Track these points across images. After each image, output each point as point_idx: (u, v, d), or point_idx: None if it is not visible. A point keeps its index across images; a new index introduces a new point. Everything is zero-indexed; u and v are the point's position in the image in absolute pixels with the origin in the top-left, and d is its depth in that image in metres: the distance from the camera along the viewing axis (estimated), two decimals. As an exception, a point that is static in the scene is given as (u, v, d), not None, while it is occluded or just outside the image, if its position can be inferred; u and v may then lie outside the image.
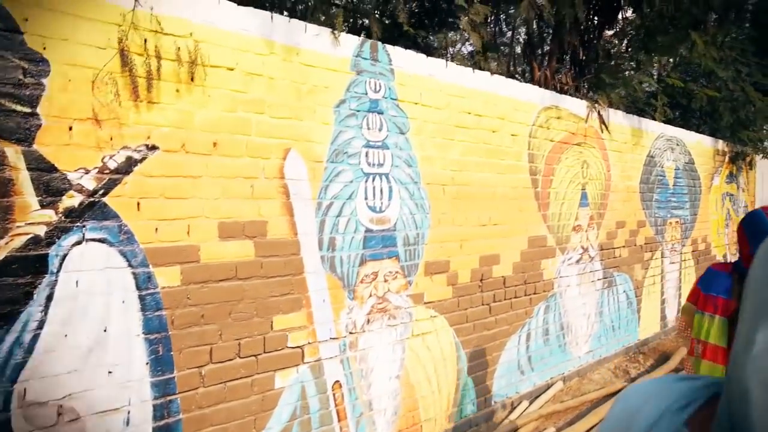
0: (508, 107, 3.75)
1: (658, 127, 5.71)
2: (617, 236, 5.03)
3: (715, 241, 7.12)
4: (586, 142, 4.54)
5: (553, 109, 4.18)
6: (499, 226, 3.69)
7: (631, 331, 5.32)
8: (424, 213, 3.17)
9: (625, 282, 5.20)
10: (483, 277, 3.59)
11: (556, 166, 4.21)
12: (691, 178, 6.39)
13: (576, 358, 4.54)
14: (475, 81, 3.48)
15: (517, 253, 3.87)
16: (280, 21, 2.48)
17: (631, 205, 5.24)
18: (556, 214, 4.24)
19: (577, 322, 4.55)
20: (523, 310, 3.96)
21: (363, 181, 2.84)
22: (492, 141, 3.62)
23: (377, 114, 2.90)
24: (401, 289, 3.06)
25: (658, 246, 5.75)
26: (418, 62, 3.12)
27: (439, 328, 3.30)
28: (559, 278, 4.32)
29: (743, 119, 6.62)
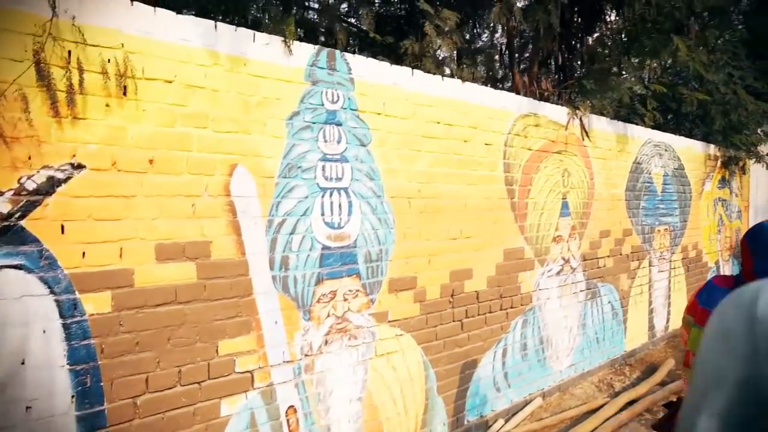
0: (482, 115, 3.61)
1: (645, 132, 5.57)
2: (601, 246, 4.90)
3: (707, 247, 6.97)
4: (567, 150, 4.41)
5: (531, 116, 4.05)
6: (472, 240, 3.56)
7: (616, 342, 5.19)
8: (387, 228, 3.04)
9: (610, 292, 5.06)
10: (454, 292, 3.46)
11: (534, 176, 4.08)
12: (680, 184, 6.25)
13: (557, 372, 4.40)
14: (444, 89, 3.35)
15: (491, 266, 3.73)
16: (225, 30, 2.35)
17: (617, 214, 5.11)
18: (535, 225, 4.10)
19: (558, 335, 4.41)
20: (499, 325, 3.83)
21: (319, 196, 2.71)
22: (463, 151, 3.49)
23: (335, 126, 2.77)
24: (363, 307, 2.93)
25: (645, 254, 5.61)
26: (380, 71, 2.99)
27: (406, 347, 3.17)
28: (538, 291, 4.19)
29: (735, 123, 6.46)
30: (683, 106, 6.30)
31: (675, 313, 6.23)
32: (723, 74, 6.49)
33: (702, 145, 6.71)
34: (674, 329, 6.23)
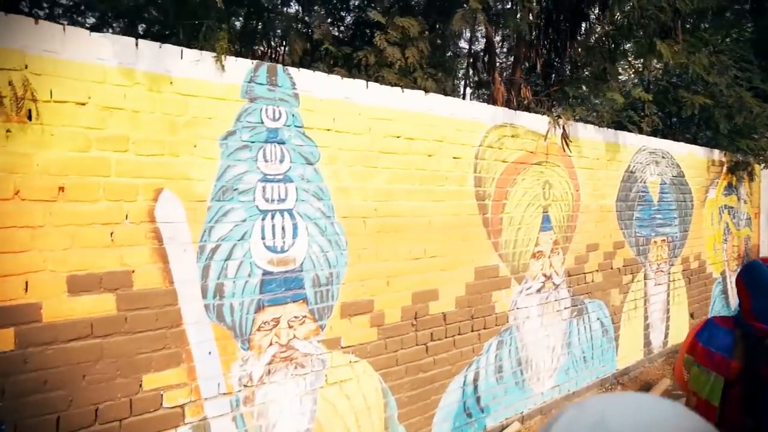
0: (449, 128, 3.44)
1: (639, 139, 5.31)
2: (588, 260, 4.66)
3: (711, 258, 6.65)
4: (548, 160, 4.20)
5: (507, 127, 3.85)
6: (438, 259, 3.39)
7: (607, 361, 4.94)
8: (339, 250, 2.89)
9: (598, 309, 4.82)
10: (417, 315, 3.29)
11: (510, 189, 3.88)
12: (680, 192, 5.96)
13: (537, 394, 4.19)
14: (405, 101, 3.19)
15: (460, 286, 3.55)
16: (147, 47, 2.23)
17: (606, 226, 4.86)
18: (511, 241, 3.91)
19: (539, 355, 4.20)
20: (470, 347, 3.65)
21: (259, 219, 2.57)
22: (427, 166, 3.32)
23: (277, 144, 2.63)
24: (311, 334, 2.78)
25: (640, 267, 5.35)
26: (330, 85, 2.84)
27: (361, 374, 3.01)
28: (516, 310, 3.99)
29: (741, 127, 6.14)
30: (683, 110, 6.01)
31: (674, 328, 5.94)
32: (727, 76, 6.18)
33: (705, 151, 6.40)
34: (674, 345, 5.94)
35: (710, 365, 1.69)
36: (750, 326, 1.57)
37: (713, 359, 1.66)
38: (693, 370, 1.72)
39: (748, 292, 1.62)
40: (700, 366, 1.69)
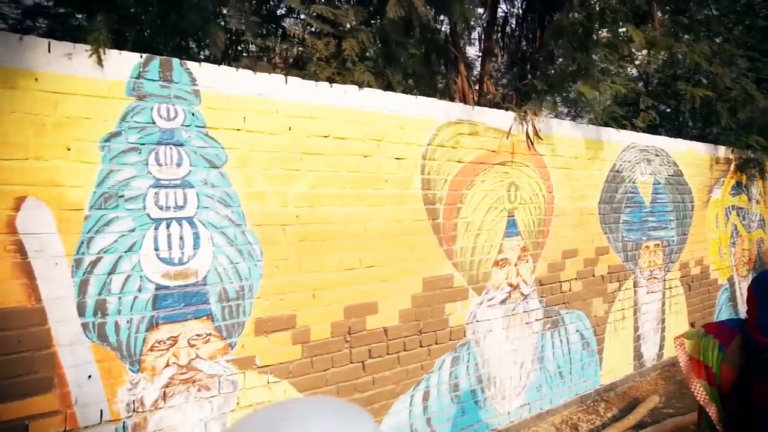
0: (389, 126, 3.15)
1: (627, 136, 4.90)
2: (565, 268, 4.30)
3: (716, 263, 6.16)
4: (514, 160, 3.86)
5: (463, 124, 3.53)
6: (376, 269, 3.10)
7: (588, 376, 4.57)
8: (252, 261, 2.63)
9: (577, 320, 4.45)
10: (351, 330, 3.01)
11: (466, 192, 3.56)
12: (678, 193, 5.51)
13: (503, 414, 3.87)
14: (334, 98, 2.91)
15: (405, 298, 3.26)
16: (2, 39, 2.01)
17: (587, 230, 4.49)
18: (468, 248, 3.59)
19: (505, 371, 3.87)
20: (418, 364, 3.35)
21: (151, 228, 2.33)
22: (363, 168, 3.04)
23: (173, 146, 2.39)
24: (218, 353, 2.54)
25: (628, 274, 4.94)
26: (240, 80, 2.59)
27: (282, 396, 2.75)
28: (475, 323, 3.67)
29: (747, 121, 5.64)
30: (682, 104, 5.56)
31: (671, 339, 5.50)
32: (733, 67, 5.69)
33: (708, 148, 5.91)
34: (670, 357, 5.50)
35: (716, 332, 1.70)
36: (752, 338, 1.54)
37: (721, 328, 1.67)
38: (703, 341, 1.68)
39: (756, 304, 1.56)
40: (707, 334, 1.67)
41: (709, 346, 1.66)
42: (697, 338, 1.77)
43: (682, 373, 1.79)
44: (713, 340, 1.65)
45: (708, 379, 1.66)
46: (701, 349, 1.70)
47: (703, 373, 1.68)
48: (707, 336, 1.70)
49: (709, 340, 1.66)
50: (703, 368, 1.67)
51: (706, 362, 1.66)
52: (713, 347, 1.64)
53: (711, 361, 1.64)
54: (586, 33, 3.52)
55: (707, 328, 1.73)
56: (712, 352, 1.63)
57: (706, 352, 1.66)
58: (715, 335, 1.67)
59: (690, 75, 6.01)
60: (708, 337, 1.69)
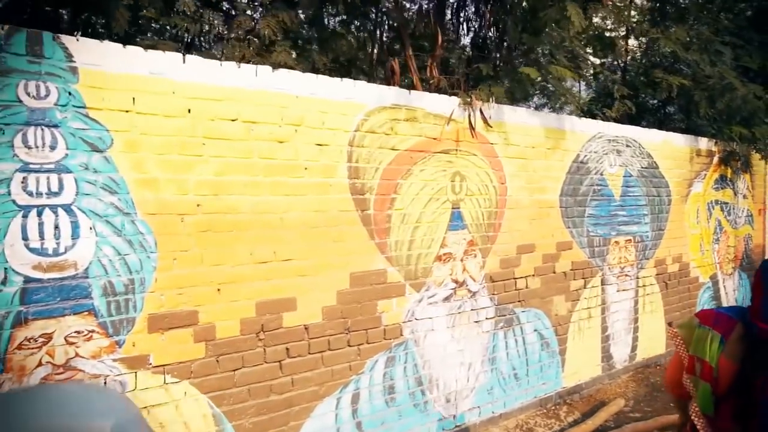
0: (310, 110, 2.94)
1: (594, 125, 4.64)
2: (520, 263, 4.07)
3: (698, 260, 5.87)
4: (458, 149, 3.64)
5: (399, 109, 3.32)
6: (294, 262, 2.91)
7: (548, 377, 4.33)
8: (144, 252, 2.45)
9: (535, 319, 4.21)
10: (265, 327, 2.82)
11: (402, 182, 3.35)
12: (653, 186, 5.24)
13: (447, 418, 3.65)
14: (243, 79, 2.72)
15: (329, 294, 3.06)
16: None
17: (546, 224, 4.25)
18: (404, 241, 3.38)
19: (450, 373, 3.65)
20: (346, 364, 3.15)
21: (18, 216, 2.16)
22: (278, 154, 2.84)
23: (45, 127, 2.21)
24: (103, 352, 2.36)
25: (595, 271, 4.69)
26: (128, 57, 2.40)
27: (181, 398, 2.57)
28: (414, 321, 3.45)
29: (727, 110, 5.35)
30: (657, 93, 5.29)
31: (645, 340, 5.24)
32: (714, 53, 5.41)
33: (687, 139, 5.63)
34: (645, 358, 5.25)
35: (712, 323, 1.57)
36: (755, 326, 1.43)
37: (717, 319, 1.55)
38: (696, 332, 1.58)
39: (762, 291, 1.45)
40: (702, 326, 1.56)
41: (706, 339, 1.52)
42: (689, 329, 1.63)
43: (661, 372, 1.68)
44: (711, 332, 1.52)
45: (701, 374, 1.53)
46: (694, 342, 1.57)
47: (694, 367, 1.55)
48: (702, 327, 1.56)
49: (706, 332, 1.53)
50: (695, 362, 1.55)
51: (700, 355, 1.53)
52: (712, 340, 1.51)
53: (708, 355, 1.50)
54: (532, 12, 3.28)
55: (701, 318, 1.59)
56: (709, 345, 1.50)
57: (701, 344, 1.53)
58: (711, 326, 1.53)
59: (670, 64, 5.72)
60: (703, 328, 1.55)
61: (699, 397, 1.53)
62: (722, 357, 1.47)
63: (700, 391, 1.53)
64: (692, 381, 1.58)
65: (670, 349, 5.48)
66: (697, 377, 1.55)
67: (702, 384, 1.53)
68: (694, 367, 1.57)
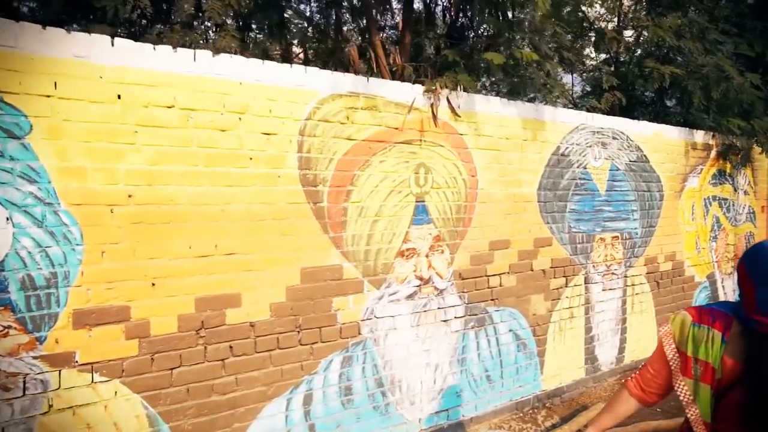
0: (256, 97, 2.81)
1: (576, 116, 4.44)
2: (493, 260, 3.89)
3: (693, 258, 5.62)
4: (423, 139, 3.47)
5: (356, 97, 3.17)
6: (239, 257, 2.77)
7: (526, 380, 4.14)
8: (68, 244, 2.33)
9: (511, 318, 4.03)
10: (206, 324, 2.69)
11: (359, 173, 3.20)
12: (642, 181, 5.01)
13: (411, 422, 3.49)
14: (180, 64, 2.59)
15: (278, 290, 2.92)
16: None
17: (523, 219, 4.06)
18: (363, 235, 3.22)
19: (414, 374, 3.49)
20: (297, 364, 3.01)
21: (-75, 205, 2.06)
22: (220, 143, 2.71)
23: (-44, 112, 2.11)
24: (21, 349, 2.25)
25: (578, 269, 4.49)
26: (48, 39, 2.28)
27: (111, 398, 2.45)
28: (375, 320, 3.30)
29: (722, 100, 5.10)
30: (649, 83, 5.06)
31: (634, 341, 5.01)
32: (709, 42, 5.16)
33: (681, 132, 5.38)
34: (634, 360, 5.02)
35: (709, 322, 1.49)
36: (753, 321, 1.36)
37: (713, 316, 1.48)
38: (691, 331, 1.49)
39: (751, 282, 1.38)
40: (700, 325, 1.48)
41: (706, 338, 1.45)
42: (681, 328, 1.55)
43: None
44: (710, 331, 1.45)
45: (702, 377, 1.46)
46: (690, 342, 1.49)
47: (692, 370, 1.48)
48: (699, 326, 1.49)
49: (703, 331, 1.47)
50: (692, 364, 1.48)
51: (699, 356, 1.46)
52: (712, 339, 1.44)
53: (710, 355, 1.44)
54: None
55: (696, 317, 1.51)
56: (711, 345, 1.44)
57: (699, 345, 1.46)
58: (709, 325, 1.46)
59: (664, 54, 5.48)
60: (700, 327, 1.48)
61: (700, 402, 1.45)
62: (725, 357, 1.40)
63: (701, 395, 1.45)
64: (690, 385, 1.49)
65: (662, 352, 5.24)
66: (697, 381, 1.47)
67: (703, 387, 1.45)
68: (692, 369, 1.48)
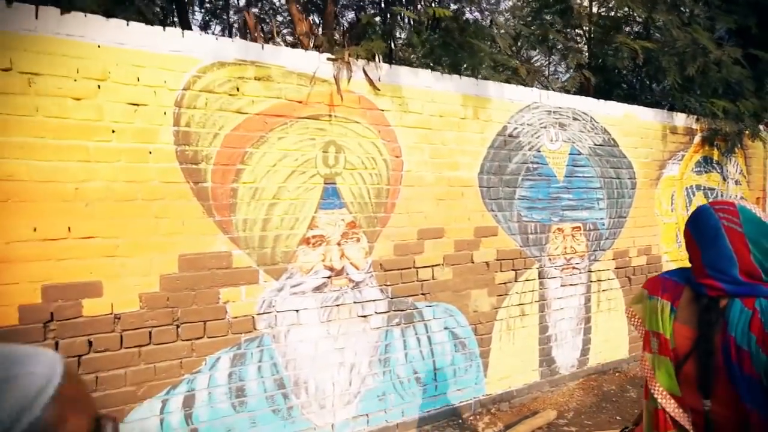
0: (119, 62, 2.51)
1: (528, 93, 4.03)
2: (423, 250, 3.52)
3: (673, 252, 5.14)
4: (334, 114, 3.13)
5: (246, 66, 2.85)
6: (98, 240, 2.48)
7: (466, 383, 3.76)
8: None
9: (446, 315, 3.66)
10: (56, 316, 2.40)
11: (252, 150, 2.88)
12: (610, 166, 4.57)
13: (322, 426, 3.15)
14: (18, 22, 2.30)
15: (150, 279, 2.62)
16: None
17: (461, 206, 3.68)
18: (257, 220, 2.90)
19: (324, 375, 3.16)
20: (176, 361, 2.70)
21: None
22: (73, 113, 2.42)
23: None
24: None
25: (530, 262, 4.08)
26: None
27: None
28: (273, 314, 2.98)
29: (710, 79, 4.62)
30: (619, 59, 4.61)
31: (601, 342, 4.58)
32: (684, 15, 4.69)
33: (657, 114, 4.91)
34: (601, 363, 4.58)
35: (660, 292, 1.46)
36: (701, 285, 1.32)
37: (665, 285, 1.44)
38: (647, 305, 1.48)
39: (696, 245, 1.36)
40: (652, 297, 1.45)
41: (657, 309, 1.42)
42: (640, 304, 1.53)
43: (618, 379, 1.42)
44: (660, 301, 1.42)
45: (659, 349, 1.41)
46: (647, 316, 1.47)
47: (651, 343, 1.44)
48: (651, 298, 1.46)
49: (656, 302, 1.44)
50: (651, 338, 1.46)
51: (654, 328, 1.43)
52: (662, 309, 1.41)
53: (661, 326, 1.40)
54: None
55: (650, 289, 1.49)
56: (661, 315, 1.41)
57: (654, 316, 1.44)
58: (659, 295, 1.43)
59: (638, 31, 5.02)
60: (652, 299, 1.45)
61: (662, 375, 1.40)
62: (676, 324, 1.37)
63: (663, 369, 1.41)
64: (651, 359, 1.45)
65: (635, 354, 4.79)
66: (656, 354, 1.43)
67: (662, 360, 1.41)
68: (651, 343, 1.46)
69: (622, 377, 4.62)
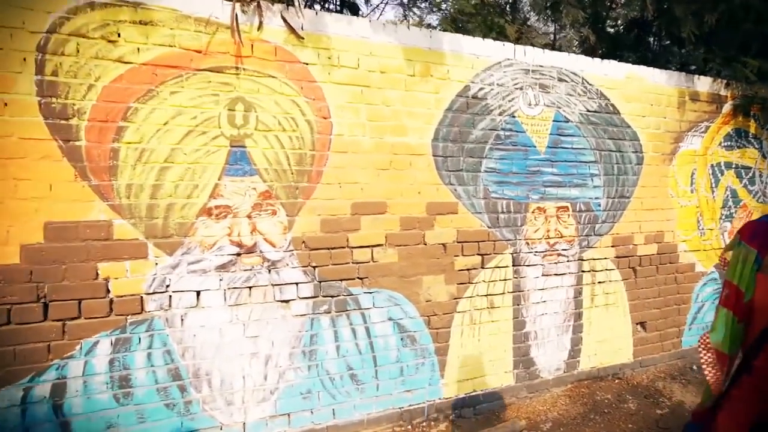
0: (-32, 1, 2.21)
1: (499, 49, 3.44)
2: (360, 227, 3.04)
3: (693, 241, 4.35)
4: (243, 67, 2.71)
5: (129, 7, 2.48)
6: (-60, 203, 2.19)
7: (417, 383, 3.24)
8: None
9: (390, 303, 3.15)
10: None
11: (138, 106, 2.50)
12: (608, 137, 3.88)
13: (229, 425, 2.75)
14: None
15: (9, 249, 2.30)
16: None
17: (409, 177, 3.16)
18: (145, 186, 2.53)
19: (232, 366, 2.75)
20: (41, 344, 2.38)
21: None
22: None
23: None
24: None
25: (502, 246, 3.50)
26: None
27: None
28: (166, 294, 2.60)
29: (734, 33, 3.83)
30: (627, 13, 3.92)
31: (596, 343, 3.91)
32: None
33: (671, 77, 4.15)
34: (596, 367, 3.92)
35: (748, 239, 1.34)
36: None
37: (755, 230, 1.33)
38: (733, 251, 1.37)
39: None
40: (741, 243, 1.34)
41: (740, 258, 1.29)
42: (733, 249, 1.42)
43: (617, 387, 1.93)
44: (746, 249, 1.29)
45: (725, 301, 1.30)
46: (731, 263, 1.35)
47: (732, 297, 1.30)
48: (740, 244, 1.34)
49: (740, 249, 1.31)
50: (723, 290, 1.36)
51: (729, 278, 1.31)
52: (745, 257, 1.28)
53: (737, 277, 1.27)
54: None
55: (741, 233, 1.38)
56: (743, 265, 1.27)
57: (732, 266, 1.31)
58: (748, 242, 1.29)
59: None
60: (740, 245, 1.33)
61: (716, 328, 1.31)
62: (759, 275, 1.23)
63: (718, 320, 1.32)
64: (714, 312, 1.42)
65: (641, 358, 4.08)
66: (719, 305, 1.35)
67: (723, 312, 1.32)
68: (723, 295, 1.37)
69: (621, 385, 3.93)
